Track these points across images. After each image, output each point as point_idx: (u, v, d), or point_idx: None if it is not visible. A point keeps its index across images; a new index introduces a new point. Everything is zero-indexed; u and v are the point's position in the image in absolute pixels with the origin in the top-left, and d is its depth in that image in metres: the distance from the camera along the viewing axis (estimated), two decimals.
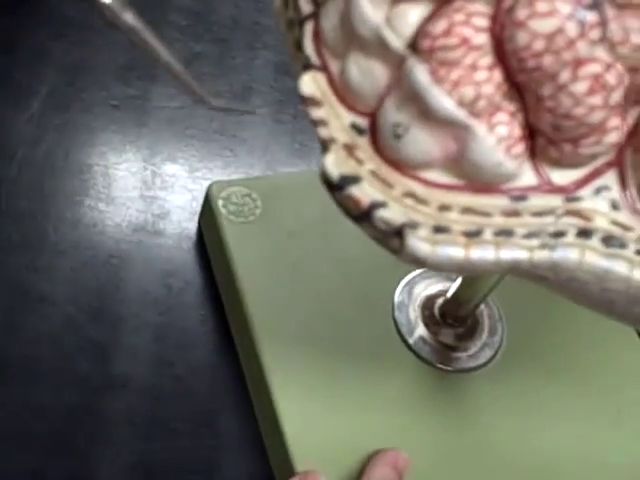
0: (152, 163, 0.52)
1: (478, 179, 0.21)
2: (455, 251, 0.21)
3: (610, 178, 0.22)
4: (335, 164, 0.22)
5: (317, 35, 0.24)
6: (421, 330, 0.45)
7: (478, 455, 0.43)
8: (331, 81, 0.23)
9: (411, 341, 0.45)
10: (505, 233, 0.21)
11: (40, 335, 0.44)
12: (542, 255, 0.21)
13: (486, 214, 0.21)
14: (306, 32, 0.24)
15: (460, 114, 0.20)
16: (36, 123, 0.51)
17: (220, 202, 0.47)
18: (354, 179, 0.22)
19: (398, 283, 0.47)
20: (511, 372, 0.46)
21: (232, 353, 0.46)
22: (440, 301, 0.46)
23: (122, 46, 0.56)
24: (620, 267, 0.21)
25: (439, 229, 0.21)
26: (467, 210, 0.21)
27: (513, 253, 0.21)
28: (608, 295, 0.22)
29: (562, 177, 0.22)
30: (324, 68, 0.23)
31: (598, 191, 0.22)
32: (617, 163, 0.22)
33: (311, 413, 0.42)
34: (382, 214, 0.21)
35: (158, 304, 0.46)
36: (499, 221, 0.21)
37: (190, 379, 0.44)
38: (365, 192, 0.21)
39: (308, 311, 0.45)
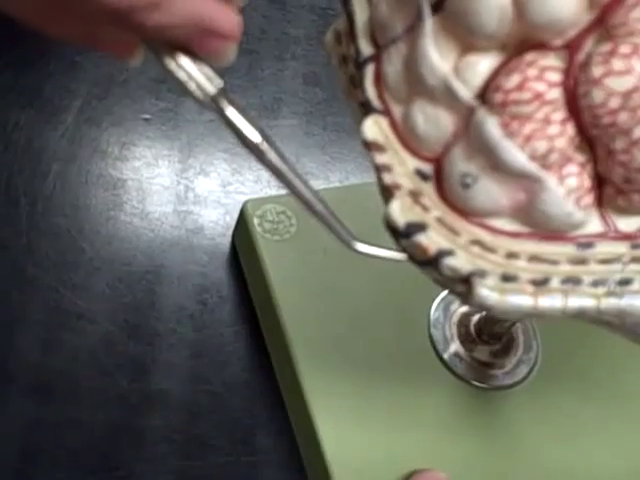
0: (185, 177, 0.52)
1: (546, 228, 0.21)
2: (524, 300, 0.21)
3: None
4: (401, 211, 0.22)
5: (378, 78, 0.24)
6: (457, 347, 0.46)
7: (514, 473, 0.43)
8: (394, 126, 0.23)
9: (447, 358, 0.45)
10: (572, 281, 0.21)
11: (78, 352, 0.44)
12: (609, 303, 0.21)
13: (553, 262, 0.21)
14: (367, 75, 0.24)
15: (532, 167, 0.20)
16: (70, 139, 0.51)
17: (256, 220, 0.47)
18: (421, 226, 0.22)
19: (434, 300, 0.47)
20: (547, 389, 0.46)
21: (267, 369, 0.46)
22: (476, 318, 0.46)
23: (152, 59, 0.56)
24: None
25: (507, 278, 0.21)
26: (534, 258, 0.21)
27: (580, 301, 0.21)
28: None
29: (628, 224, 0.22)
30: (387, 112, 0.23)
31: None
32: None
33: (349, 431, 0.42)
34: (449, 262, 0.21)
35: (193, 320, 0.46)
36: (566, 269, 0.21)
37: (226, 395, 0.45)
38: (432, 240, 0.22)
39: (344, 328, 0.45)
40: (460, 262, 0.21)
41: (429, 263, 0.22)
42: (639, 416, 0.45)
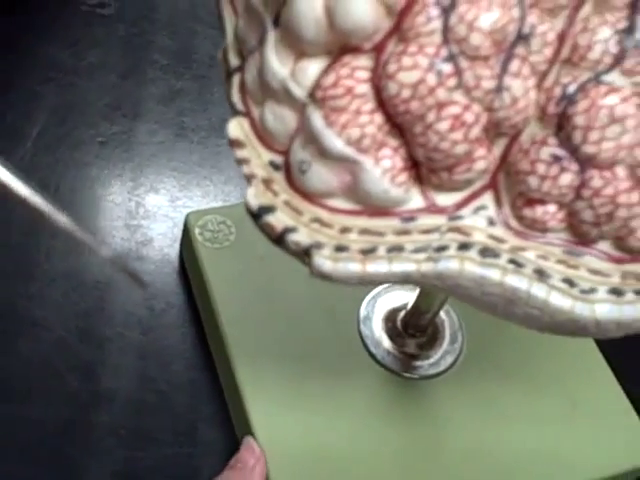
0: (136, 194, 0.56)
1: (372, 204, 0.25)
2: (354, 266, 0.25)
3: (487, 199, 0.26)
4: (254, 196, 0.26)
5: (242, 86, 0.28)
6: (385, 341, 0.49)
7: (440, 458, 0.46)
8: (253, 125, 0.27)
9: (376, 352, 0.49)
10: (396, 249, 0.25)
11: (31, 356, 0.48)
12: (428, 266, 0.25)
13: (380, 234, 0.25)
14: (234, 83, 0.28)
15: (349, 151, 0.24)
16: (28, 162, 0.56)
17: (197, 230, 0.51)
18: (270, 209, 0.25)
19: (363, 299, 0.51)
20: (471, 377, 0.49)
21: (210, 368, 0.50)
22: (402, 313, 0.50)
23: (107, 87, 0.61)
24: (494, 274, 0.25)
25: (340, 248, 0.25)
26: (364, 231, 0.25)
27: (403, 266, 0.25)
28: (489, 298, 0.25)
29: (445, 199, 0.26)
30: (248, 114, 0.27)
31: (477, 210, 0.26)
32: (492, 186, 0.26)
33: (282, 423, 0.45)
34: (293, 237, 0.25)
35: (141, 324, 0.50)
36: (391, 239, 0.25)
37: (171, 393, 0.48)
38: (279, 219, 0.25)
39: (279, 328, 0.49)
40: (301, 237, 0.25)
41: (278, 240, 0.26)
42: (555, 401, 0.48)
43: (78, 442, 0.45)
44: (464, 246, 0.25)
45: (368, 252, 0.25)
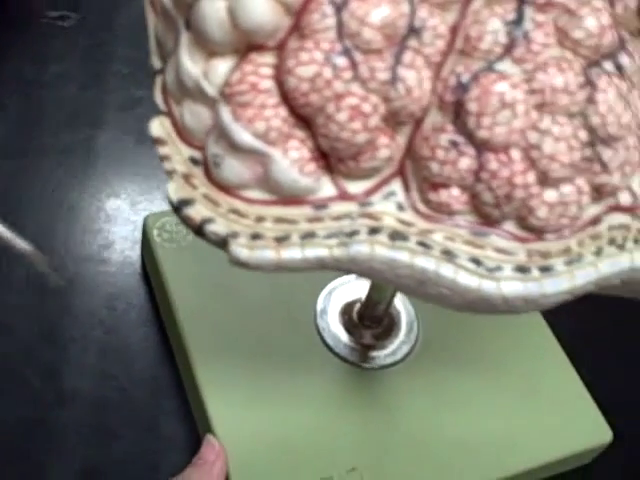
0: (98, 199, 0.57)
1: (284, 194, 0.26)
2: (269, 253, 0.26)
3: (396, 185, 0.27)
4: (175, 191, 0.27)
5: (164, 86, 0.29)
6: (342, 334, 0.50)
7: (396, 444, 0.47)
8: (174, 123, 0.28)
9: (333, 344, 0.50)
10: (309, 236, 0.26)
11: None
12: (340, 251, 0.26)
13: (293, 222, 0.26)
14: (157, 84, 0.29)
15: (257, 144, 0.25)
16: None
17: (155, 232, 0.52)
18: (189, 202, 0.27)
19: (319, 293, 0.52)
20: (427, 366, 0.51)
21: (172, 365, 0.51)
22: (358, 306, 0.51)
23: (69, 97, 0.62)
24: (403, 256, 0.26)
25: (255, 236, 0.26)
26: (278, 220, 0.26)
27: (316, 251, 0.26)
28: (402, 280, 0.27)
29: (356, 187, 0.27)
30: (169, 113, 0.28)
31: (386, 196, 0.27)
32: (400, 173, 0.27)
33: (240, 416, 0.46)
34: (211, 228, 0.26)
35: (104, 325, 0.51)
36: (304, 227, 0.26)
37: (133, 390, 0.49)
38: (197, 211, 0.27)
39: (237, 324, 0.50)
40: (218, 227, 0.26)
41: (199, 231, 0.27)
42: (510, 387, 0.50)
43: (41, 441, 0.47)
44: (374, 230, 0.26)
45: (282, 240, 0.26)
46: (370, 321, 0.51)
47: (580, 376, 0.51)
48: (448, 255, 0.26)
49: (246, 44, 0.26)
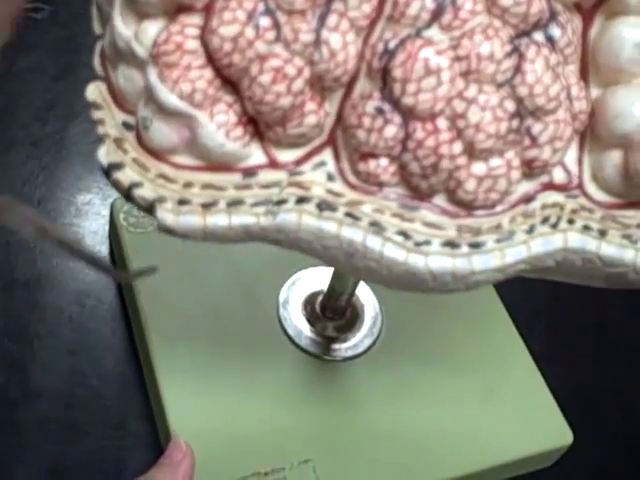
0: (69, 193, 0.57)
1: (212, 159, 0.26)
2: (194, 219, 0.26)
3: (327, 155, 0.27)
4: (105, 154, 0.27)
5: (102, 51, 0.29)
6: (304, 325, 0.50)
7: (358, 438, 0.47)
8: (110, 88, 0.28)
9: (294, 335, 0.50)
10: (236, 203, 0.26)
11: None
12: (267, 220, 0.26)
13: (221, 188, 0.26)
14: (96, 49, 0.29)
15: (183, 106, 0.25)
16: None
17: (122, 216, 0.52)
18: (119, 165, 0.26)
19: (283, 284, 0.52)
20: (389, 360, 0.50)
21: (140, 361, 0.50)
22: (320, 298, 0.51)
23: (40, 90, 0.62)
24: (330, 226, 0.26)
25: (182, 202, 0.26)
26: (206, 186, 0.26)
27: (242, 219, 0.26)
28: (330, 252, 0.26)
29: (286, 156, 0.27)
30: (106, 78, 0.28)
31: (317, 166, 0.27)
32: (331, 142, 0.27)
33: (200, 409, 0.46)
34: (138, 192, 0.26)
35: (72, 321, 0.51)
36: (232, 194, 0.26)
37: (100, 387, 0.49)
38: (127, 175, 0.26)
39: (199, 313, 0.50)
40: (146, 192, 0.26)
41: (127, 196, 0.27)
42: (472, 383, 0.49)
43: (7, 439, 0.46)
44: (302, 200, 0.26)
45: (209, 206, 0.26)
46: (333, 313, 0.51)
47: (544, 378, 0.51)
48: (376, 227, 0.26)
49: (176, 6, 0.25)
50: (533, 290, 0.53)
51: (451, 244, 0.26)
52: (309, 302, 0.51)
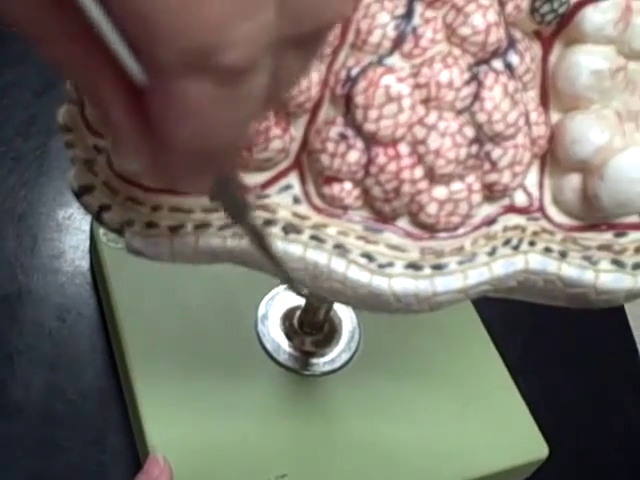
0: (50, 208, 0.57)
1: None
2: (162, 242, 0.26)
3: (293, 178, 0.27)
4: (76, 177, 0.27)
5: None
6: (282, 339, 0.50)
7: (335, 453, 0.47)
8: (82, 112, 0.29)
9: (272, 350, 0.50)
10: (204, 226, 0.26)
11: None
12: (233, 242, 0.26)
13: (189, 211, 0.27)
14: None
15: None
16: None
17: (101, 231, 0.52)
18: (89, 188, 0.27)
19: (262, 299, 0.52)
20: (367, 374, 0.51)
21: (118, 375, 0.51)
22: (298, 313, 0.51)
23: (22, 104, 0.62)
24: (296, 249, 0.26)
25: (150, 225, 0.26)
26: (174, 209, 0.27)
27: (209, 241, 0.26)
28: (296, 274, 0.27)
29: (253, 179, 0.27)
30: (79, 102, 0.29)
31: (283, 189, 0.27)
32: (297, 166, 0.27)
33: (177, 424, 0.46)
34: (107, 215, 0.27)
35: (52, 336, 0.51)
36: (200, 216, 0.27)
37: (80, 402, 0.49)
38: (96, 198, 0.27)
39: (177, 328, 0.50)
40: (115, 215, 0.26)
41: (98, 218, 0.27)
42: (448, 398, 0.50)
43: None
44: (268, 222, 0.26)
45: (176, 228, 0.26)
46: (310, 327, 0.51)
47: (520, 392, 0.51)
48: (341, 249, 0.26)
49: None
50: (510, 305, 0.54)
51: (414, 266, 0.27)
52: (287, 317, 0.51)
